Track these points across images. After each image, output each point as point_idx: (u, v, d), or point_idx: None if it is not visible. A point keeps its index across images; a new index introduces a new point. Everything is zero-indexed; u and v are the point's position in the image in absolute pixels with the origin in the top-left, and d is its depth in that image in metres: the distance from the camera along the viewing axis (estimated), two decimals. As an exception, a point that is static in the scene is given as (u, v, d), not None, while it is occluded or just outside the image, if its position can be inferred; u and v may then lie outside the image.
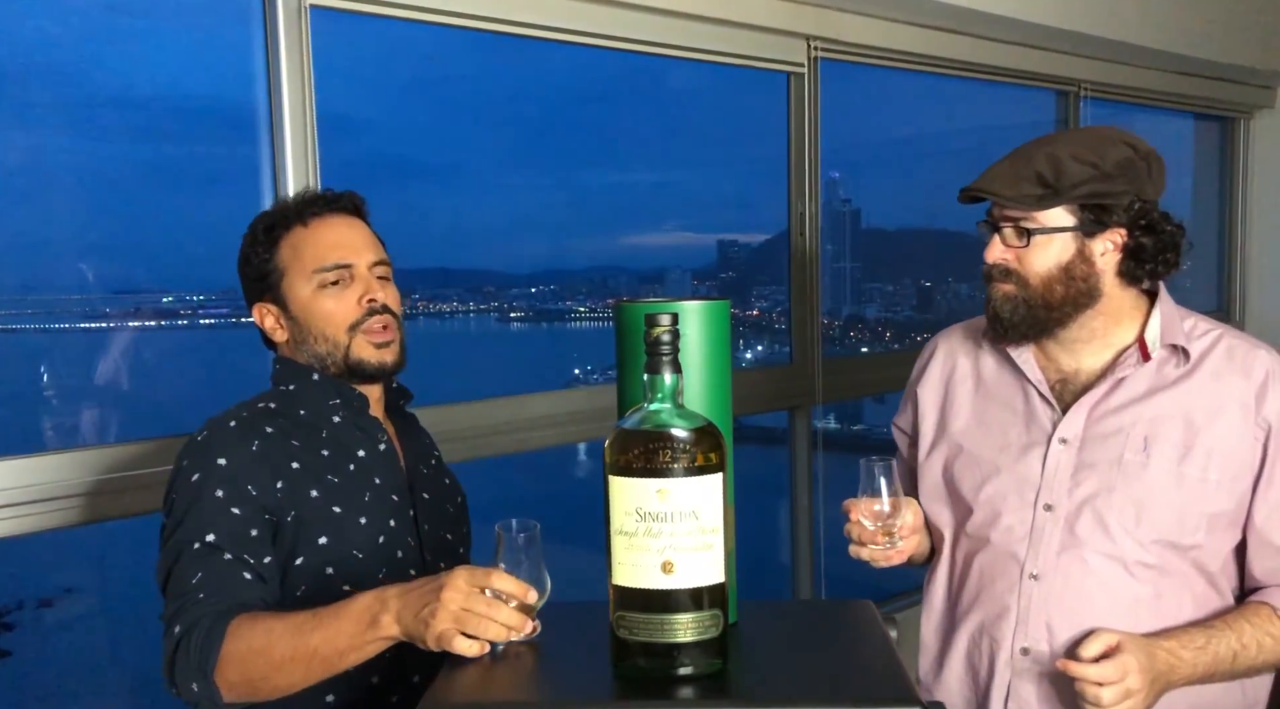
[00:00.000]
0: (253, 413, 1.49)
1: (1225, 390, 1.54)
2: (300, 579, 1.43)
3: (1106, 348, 1.59)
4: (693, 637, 1.06)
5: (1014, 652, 1.58)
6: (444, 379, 3.05)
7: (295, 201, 1.58)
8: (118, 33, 2.20)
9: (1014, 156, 1.55)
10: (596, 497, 1.09)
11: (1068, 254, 1.52)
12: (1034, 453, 1.59)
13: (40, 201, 2.14)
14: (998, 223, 1.55)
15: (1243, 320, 4.81)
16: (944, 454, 1.70)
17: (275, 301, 1.54)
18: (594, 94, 3.14)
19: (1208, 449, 1.52)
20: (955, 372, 1.73)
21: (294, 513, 1.43)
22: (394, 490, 1.54)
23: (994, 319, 1.58)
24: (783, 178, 3.14)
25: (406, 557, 1.52)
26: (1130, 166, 1.51)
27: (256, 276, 1.55)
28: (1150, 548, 1.52)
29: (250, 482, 1.41)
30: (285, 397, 1.54)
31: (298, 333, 1.54)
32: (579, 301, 3.53)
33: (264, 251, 1.54)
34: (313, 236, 1.54)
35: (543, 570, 1.24)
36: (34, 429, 2.26)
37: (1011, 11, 3.24)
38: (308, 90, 2.14)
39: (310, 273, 1.52)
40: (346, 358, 1.52)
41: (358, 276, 1.53)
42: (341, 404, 1.54)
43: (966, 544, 1.66)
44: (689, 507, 1.05)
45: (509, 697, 1.13)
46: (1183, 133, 4.88)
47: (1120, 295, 1.57)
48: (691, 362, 1.21)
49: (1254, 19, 4.21)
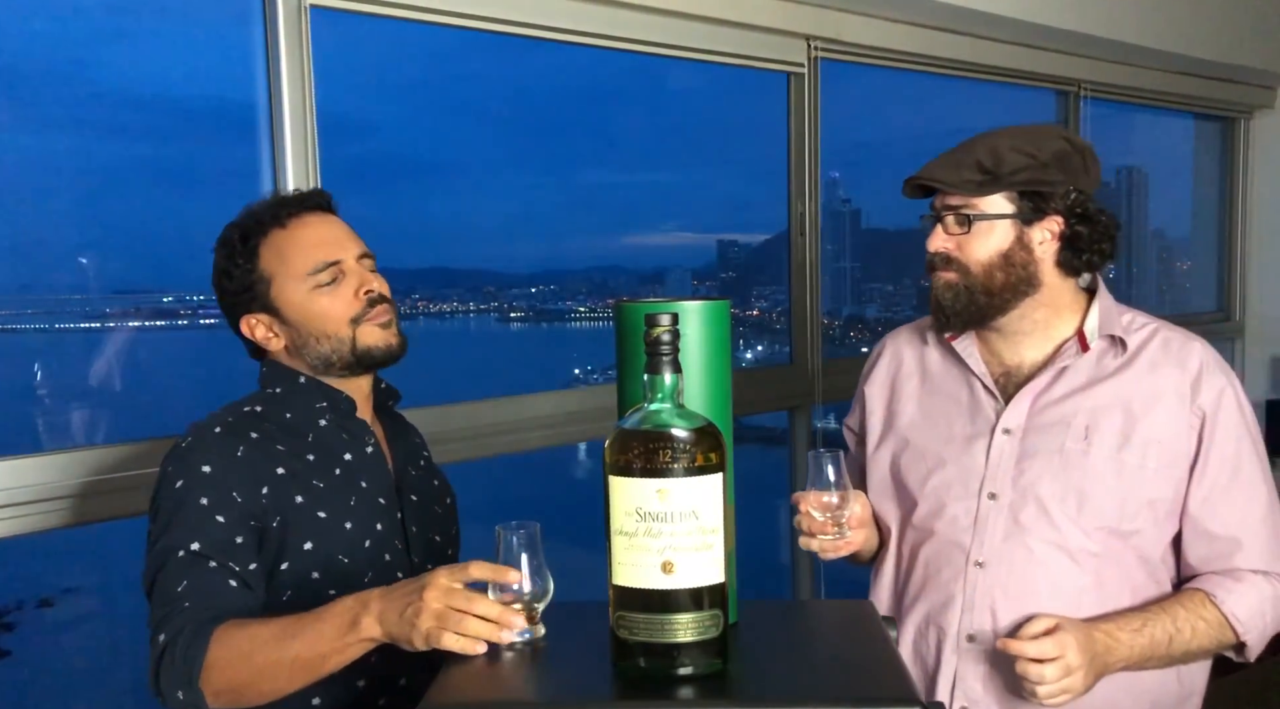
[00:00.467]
0: (238, 417, 1.48)
1: (1162, 380, 1.59)
2: (286, 584, 1.43)
3: (1047, 341, 1.65)
4: (693, 637, 1.06)
5: (960, 639, 1.62)
6: (444, 379, 3.05)
7: (266, 206, 1.54)
8: (118, 33, 2.20)
9: (955, 149, 1.61)
10: (596, 497, 1.09)
11: (1007, 241, 1.58)
12: (978, 443, 1.64)
13: (40, 201, 2.15)
14: (940, 213, 1.61)
15: (1242, 320, 4.81)
16: (891, 448, 1.74)
17: (265, 310, 1.52)
18: (594, 94, 3.14)
19: (1146, 437, 1.57)
20: (901, 368, 1.77)
21: (279, 518, 1.42)
22: (381, 493, 1.53)
23: (937, 308, 1.63)
24: (782, 178, 3.14)
25: (394, 560, 1.51)
26: (1066, 158, 1.57)
27: (240, 289, 1.51)
28: (1093, 535, 1.57)
29: (235, 488, 1.41)
30: (272, 400, 1.53)
31: (296, 337, 1.51)
32: (579, 301, 3.53)
33: (245, 262, 1.50)
34: (295, 238, 1.51)
35: (543, 570, 1.24)
36: (34, 429, 2.26)
37: (1011, 11, 3.24)
38: (308, 90, 2.14)
39: (303, 275, 1.49)
40: (354, 349, 1.51)
41: (349, 271, 1.52)
42: (328, 407, 1.53)
43: (913, 536, 1.70)
44: (689, 507, 1.05)
45: (509, 697, 1.13)
46: (1183, 133, 4.88)
47: (1060, 286, 1.62)
48: (691, 362, 1.21)
49: (1254, 19, 4.21)
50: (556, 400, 2.66)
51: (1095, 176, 1.61)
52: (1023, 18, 3.28)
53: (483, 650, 1.16)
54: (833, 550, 1.59)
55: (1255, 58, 4.23)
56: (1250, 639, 1.57)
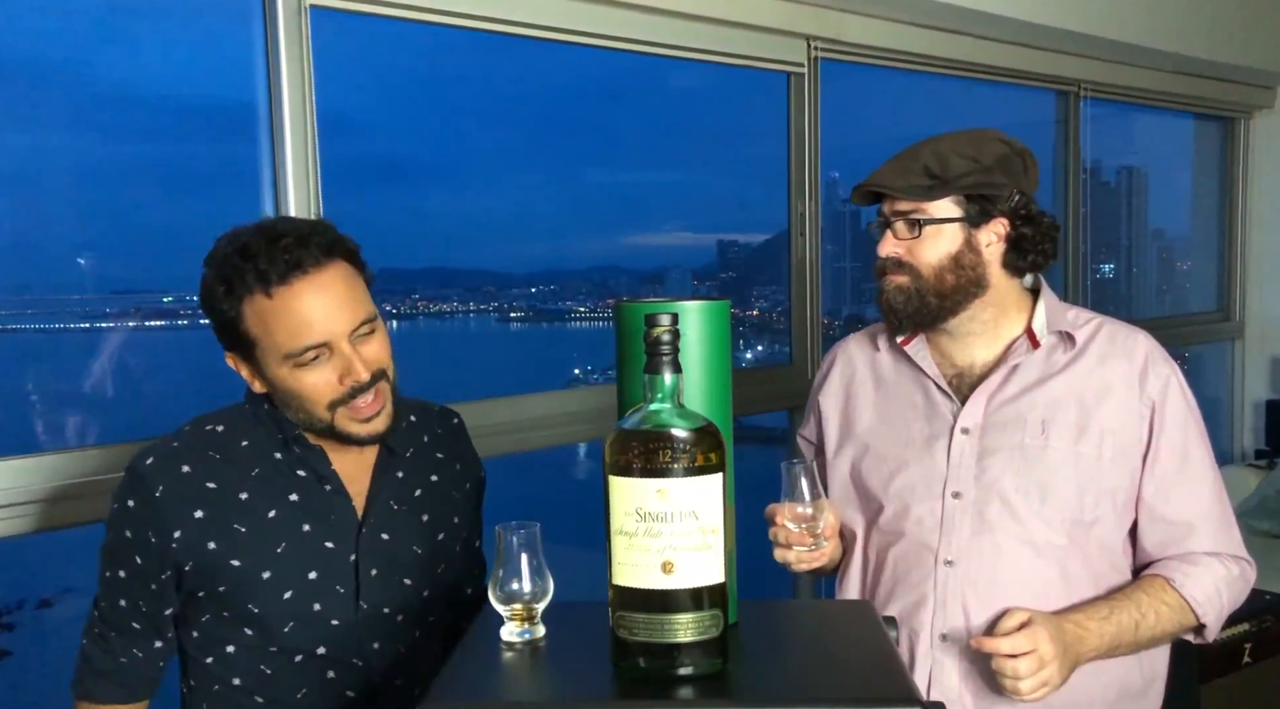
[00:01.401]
0: (187, 441, 1.43)
1: (1110, 372, 1.64)
2: (202, 611, 1.45)
3: (997, 340, 1.68)
4: (693, 637, 1.06)
5: (934, 638, 1.63)
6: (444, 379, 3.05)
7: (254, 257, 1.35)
8: (117, 32, 2.20)
9: (900, 156, 1.65)
10: (596, 497, 1.09)
11: (956, 244, 1.61)
12: (938, 444, 1.67)
13: (40, 201, 2.14)
14: (889, 219, 1.64)
15: (1242, 320, 4.81)
16: (850, 455, 1.76)
17: (247, 360, 1.41)
18: (594, 94, 3.14)
19: (1100, 428, 1.61)
20: (855, 376, 1.80)
21: (191, 564, 1.41)
22: (331, 535, 1.45)
23: (888, 311, 1.66)
24: (783, 178, 3.14)
25: (329, 607, 1.44)
26: (1008, 161, 1.62)
27: (224, 330, 1.40)
28: (1056, 527, 1.60)
29: (150, 528, 1.40)
30: (241, 418, 1.47)
31: (276, 395, 1.42)
32: (579, 301, 3.53)
33: (228, 309, 1.37)
34: (279, 312, 1.35)
35: (543, 570, 1.24)
36: (34, 429, 2.26)
37: (1011, 11, 3.24)
38: (308, 90, 2.14)
39: (282, 355, 1.36)
40: (332, 431, 1.41)
41: (336, 352, 1.37)
42: (284, 442, 1.45)
43: (879, 539, 1.72)
44: (689, 507, 1.05)
45: (509, 697, 1.13)
46: (1183, 133, 4.88)
47: (1006, 286, 1.66)
48: (691, 361, 1.21)
49: (1254, 19, 4.21)
50: (556, 400, 2.66)
51: (1034, 178, 1.66)
52: (1023, 18, 3.28)
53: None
54: (809, 561, 1.61)
55: (1255, 58, 4.23)
56: (1209, 620, 1.63)
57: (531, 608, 1.21)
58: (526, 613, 1.21)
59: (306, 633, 1.44)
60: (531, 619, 1.21)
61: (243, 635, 1.44)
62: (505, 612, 1.21)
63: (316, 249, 1.36)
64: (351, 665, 1.47)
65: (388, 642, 1.49)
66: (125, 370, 2.41)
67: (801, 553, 1.58)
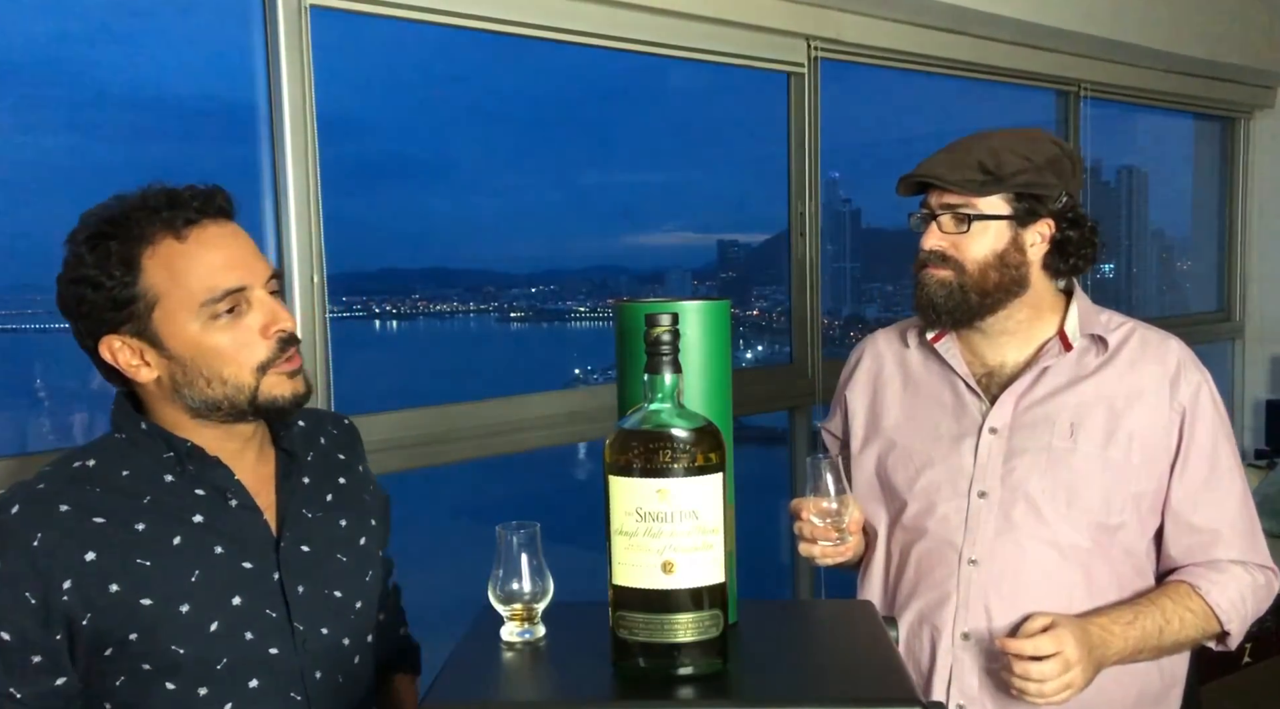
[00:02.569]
0: (54, 482, 1.24)
1: (1142, 377, 1.63)
2: (113, 669, 1.25)
3: (1029, 342, 1.68)
4: (693, 637, 1.06)
5: (955, 637, 1.63)
6: (444, 379, 3.05)
7: (152, 204, 1.24)
8: (117, 32, 2.20)
9: (951, 149, 1.63)
10: (596, 497, 1.09)
11: (1002, 242, 1.60)
12: (966, 443, 1.66)
13: (40, 201, 2.14)
14: (935, 211, 1.63)
15: (1242, 320, 4.81)
16: (876, 451, 1.75)
17: (138, 335, 1.24)
18: (594, 94, 3.14)
19: (1129, 433, 1.61)
20: (883, 371, 1.79)
21: (89, 615, 1.21)
22: (247, 555, 1.29)
23: (927, 305, 1.64)
24: (783, 178, 3.14)
25: (261, 635, 1.28)
26: (1059, 162, 1.61)
27: (109, 305, 1.23)
28: (1082, 530, 1.60)
29: (28, 589, 1.19)
30: (113, 449, 1.29)
31: (178, 374, 1.25)
32: (579, 301, 3.52)
33: (120, 273, 1.22)
34: (192, 255, 1.23)
35: (543, 570, 1.24)
36: (33, 429, 2.26)
37: (1011, 11, 3.24)
38: (308, 90, 2.14)
39: (196, 304, 1.23)
40: (254, 400, 1.27)
41: (255, 302, 1.26)
42: (175, 459, 1.28)
43: (902, 536, 1.71)
44: (689, 507, 1.05)
45: (509, 697, 1.13)
46: (1183, 133, 4.88)
47: (1043, 288, 1.66)
48: (691, 361, 1.21)
49: (1254, 19, 4.21)
50: (556, 400, 2.66)
51: (1080, 181, 1.67)
52: (1023, 18, 3.28)
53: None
54: (834, 556, 1.60)
55: (1255, 58, 4.23)
56: (1233, 628, 1.62)
57: (531, 608, 1.21)
58: (526, 613, 1.21)
59: (243, 669, 1.27)
60: (531, 619, 1.21)
61: (164, 692, 1.24)
62: (505, 612, 1.21)
63: (223, 201, 1.28)
64: (292, 702, 1.31)
65: (328, 670, 1.34)
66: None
67: (826, 547, 1.57)
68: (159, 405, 1.30)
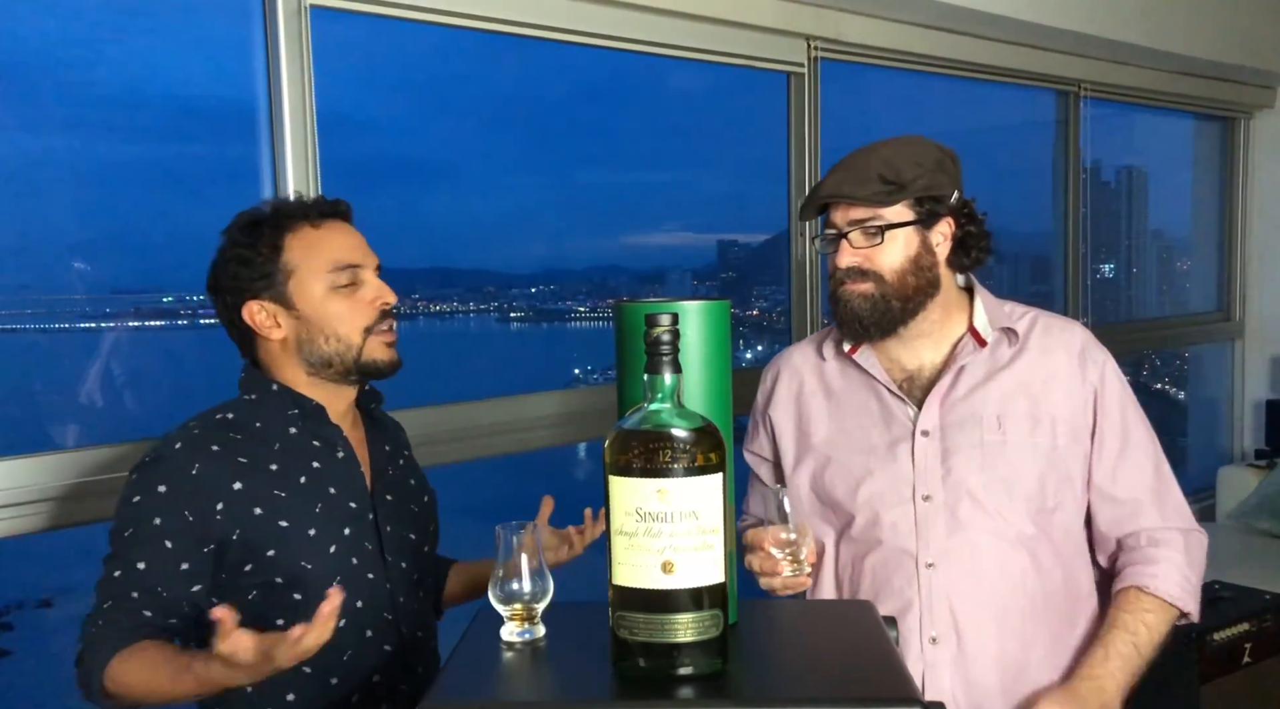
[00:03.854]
0: (205, 428, 1.51)
1: (1053, 362, 1.68)
2: (250, 584, 1.48)
3: (942, 342, 1.71)
4: (693, 637, 1.06)
5: (924, 642, 1.64)
6: (444, 379, 3.05)
7: (299, 203, 1.59)
8: (118, 33, 2.20)
9: (845, 167, 1.67)
10: (596, 497, 1.09)
11: (913, 247, 1.64)
12: (900, 449, 1.68)
13: (40, 201, 2.15)
14: (843, 229, 1.65)
15: (1242, 320, 4.81)
16: (810, 468, 1.75)
17: (275, 300, 1.53)
18: (594, 94, 3.14)
19: (1052, 417, 1.65)
20: (803, 388, 1.80)
21: (238, 532, 1.46)
22: (352, 497, 1.56)
23: (853, 320, 1.66)
24: (783, 178, 3.14)
25: (363, 561, 1.55)
26: (944, 163, 1.66)
27: (256, 276, 1.53)
28: (1024, 518, 1.64)
29: (188, 507, 1.44)
30: (246, 406, 1.56)
31: (303, 331, 1.54)
32: (579, 301, 3.53)
33: (268, 250, 1.53)
34: (323, 238, 1.55)
35: (544, 570, 1.24)
36: (33, 429, 2.26)
37: (1011, 11, 3.24)
38: (308, 90, 2.14)
39: (324, 272, 1.53)
40: (358, 358, 1.55)
41: (367, 281, 1.56)
42: (299, 415, 1.55)
43: (852, 549, 1.71)
44: (689, 507, 1.05)
45: (509, 697, 1.13)
46: (1183, 133, 4.88)
47: (949, 285, 1.70)
48: (691, 361, 1.21)
49: (1254, 19, 4.21)
50: (556, 400, 2.66)
51: (961, 178, 1.70)
52: (1023, 18, 3.28)
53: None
54: (794, 586, 1.57)
55: (1255, 58, 4.23)
56: (1191, 607, 1.66)
57: (531, 608, 1.22)
58: (526, 613, 1.21)
59: (352, 588, 1.48)
60: (531, 619, 1.21)
61: (291, 601, 1.47)
62: (505, 612, 1.21)
63: (345, 208, 1.61)
64: (384, 621, 1.56)
65: (408, 597, 1.60)
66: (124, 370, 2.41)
67: (788, 580, 1.56)
68: (281, 365, 1.56)
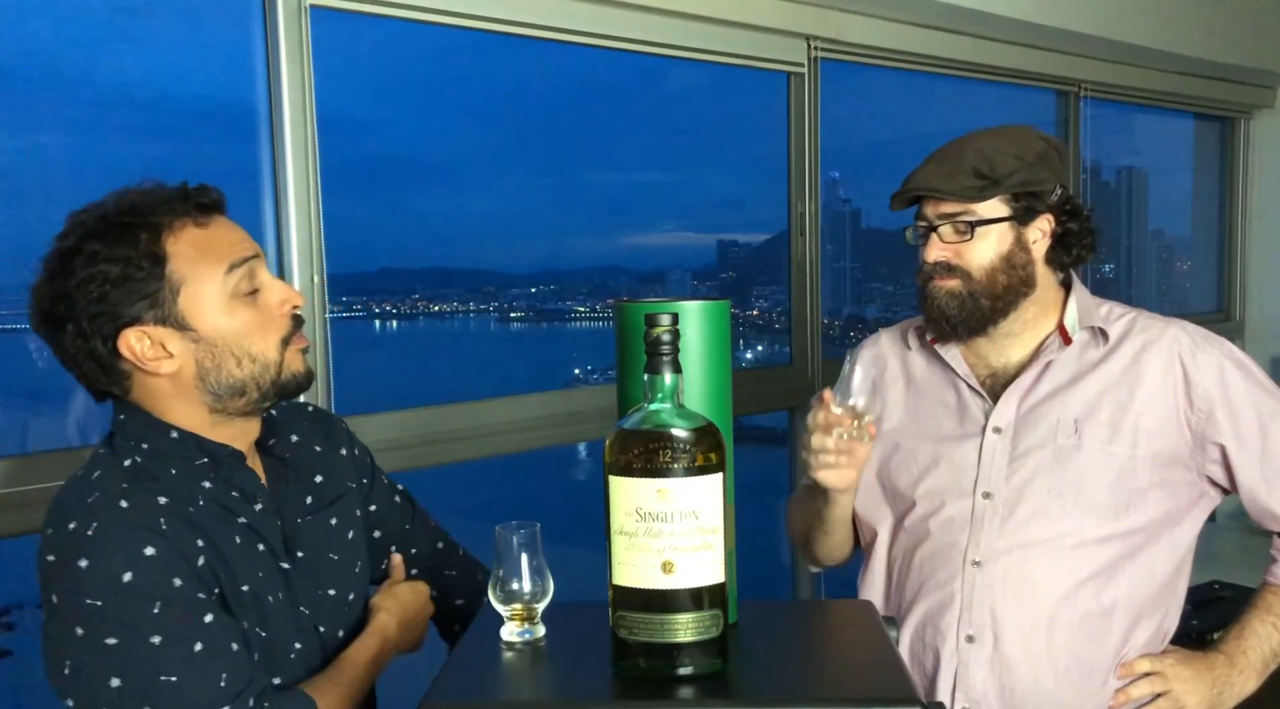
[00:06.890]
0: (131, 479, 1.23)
1: (1145, 368, 1.61)
2: None
3: (1032, 340, 1.66)
4: (693, 637, 1.06)
5: (959, 640, 1.61)
6: (444, 379, 3.05)
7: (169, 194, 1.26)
8: (118, 33, 2.20)
9: (940, 158, 1.61)
10: (596, 497, 1.09)
11: (1006, 244, 1.59)
12: (969, 443, 1.64)
13: (40, 201, 2.14)
14: (933, 222, 1.61)
15: (1243, 320, 4.81)
16: (878, 453, 1.73)
17: (161, 323, 1.22)
18: (594, 94, 3.14)
19: (1134, 426, 1.58)
20: (885, 374, 1.78)
21: (217, 590, 1.23)
22: (277, 557, 1.31)
23: (940, 318, 1.62)
24: (783, 178, 3.14)
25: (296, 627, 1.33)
26: (1048, 156, 1.60)
27: (135, 295, 1.21)
28: (1088, 528, 1.58)
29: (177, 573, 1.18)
30: (143, 457, 1.25)
31: (206, 357, 1.24)
32: (579, 301, 3.52)
33: (146, 261, 1.21)
34: (212, 236, 1.26)
35: (544, 570, 1.24)
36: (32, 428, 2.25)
37: (1011, 11, 3.24)
38: (308, 90, 2.14)
39: (222, 279, 1.24)
40: (278, 376, 1.28)
41: (267, 283, 1.29)
42: (210, 465, 1.27)
43: (905, 538, 1.70)
44: (689, 507, 1.05)
45: (509, 697, 1.13)
46: (1183, 133, 4.88)
47: (1047, 283, 1.65)
48: (691, 361, 1.21)
49: (1254, 19, 4.21)
50: (556, 400, 2.66)
51: (1068, 172, 1.66)
52: (1023, 18, 3.28)
53: None
54: (846, 453, 1.48)
55: (1255, 58, 4.23)
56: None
57: (531, 608, 1.22)
58: (526, 613, 1.21)
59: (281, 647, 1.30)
60: (531, 619, 1.21)
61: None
62: (505, 612, 1.21)
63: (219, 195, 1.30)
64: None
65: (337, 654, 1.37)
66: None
67: (840, 442, 1.46)
68: (171, 405, 1.26)
